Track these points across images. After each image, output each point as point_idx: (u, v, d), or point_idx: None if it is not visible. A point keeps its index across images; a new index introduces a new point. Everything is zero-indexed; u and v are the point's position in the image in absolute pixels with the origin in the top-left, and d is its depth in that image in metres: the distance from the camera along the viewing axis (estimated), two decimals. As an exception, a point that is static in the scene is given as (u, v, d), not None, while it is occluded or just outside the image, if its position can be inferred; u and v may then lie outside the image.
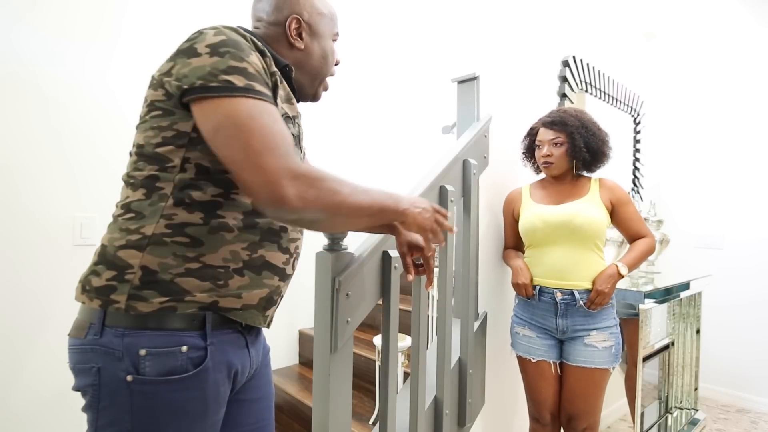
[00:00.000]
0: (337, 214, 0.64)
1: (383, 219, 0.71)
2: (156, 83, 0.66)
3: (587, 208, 1.41)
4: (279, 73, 0.74)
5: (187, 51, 0.63)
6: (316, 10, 0.83)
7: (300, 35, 0.81)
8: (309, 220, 0.64)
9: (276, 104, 0.69)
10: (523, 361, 1.50)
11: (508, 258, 1.60)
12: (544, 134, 1.47)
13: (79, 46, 1.53)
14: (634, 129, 2.79)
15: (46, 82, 1.46)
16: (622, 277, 1.38)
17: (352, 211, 0.65)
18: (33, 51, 1.44)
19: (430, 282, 0.90)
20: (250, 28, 0.82)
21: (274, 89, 0.70)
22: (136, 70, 1.67)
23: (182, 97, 0.63)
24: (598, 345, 1.38)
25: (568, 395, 1.43)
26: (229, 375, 0.70)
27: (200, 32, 0.65)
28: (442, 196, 1.27)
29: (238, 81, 0.61)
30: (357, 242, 1.05)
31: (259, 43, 0.69)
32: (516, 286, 1.48)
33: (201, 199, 0.66)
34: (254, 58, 0.65)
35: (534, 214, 1.46)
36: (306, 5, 0.81)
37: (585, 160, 1.44)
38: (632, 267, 1.40)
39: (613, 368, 1.40)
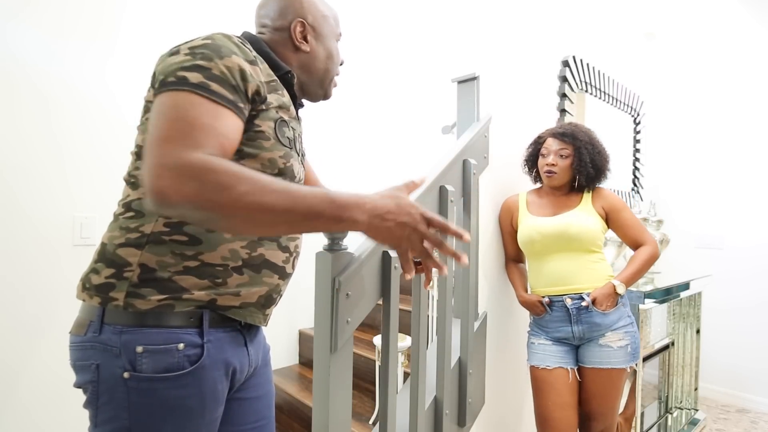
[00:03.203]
0: (232, 215, 0.52)
1: (324, 228, 0.58)
2: (150, 83, 0.66)
3: (580, 217, 1.43)
4: (278, 80, 0.74)
5: (172, 50, 0.64)
6: (320, 13, 0.83)
7: (305, 38, 0.81)
8: (199, 220, 0.54)
9: (240, 110, 0.63)
10: (537, 372, 1.45)
11: (510, 277, 1.62)
12: (552, 144, 1.48)
13: (78, 45, 1.53)
14: (634, 129, 2.79)
15: (43, 81, 1.46)
16: (620, 295, 1.39)
17: (254, 213, 0.52)
18: (29, 50, 1.43)
19: (428, 281, 0.90)
20: (254, 33, 0.83)
21: (264, 98, 0.68)
22: (136, 69, 1.67)
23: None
24: (613, 345, 1.37)
25: (585, 396, 1.42)
26: (227, 373, 0.70)
27: (195, 38, 0.65)
28: (442, 196, 1.27)
29: (194, 78, 0.59)
30: (357, 242, 1.05)
31: (252, 54, 0.68)
32: (531, 308, 1.50)
33: None
34: (230, 62, 0.62)
35: (530, 226, 1.48)
36: (309, 8, 0.82)
37: (589, 175, 1.46)
38: (631, 282, 1.41)
39: (630, 368, 1.40)
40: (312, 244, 1.85)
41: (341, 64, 0.89)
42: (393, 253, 1.02)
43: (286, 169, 0.72)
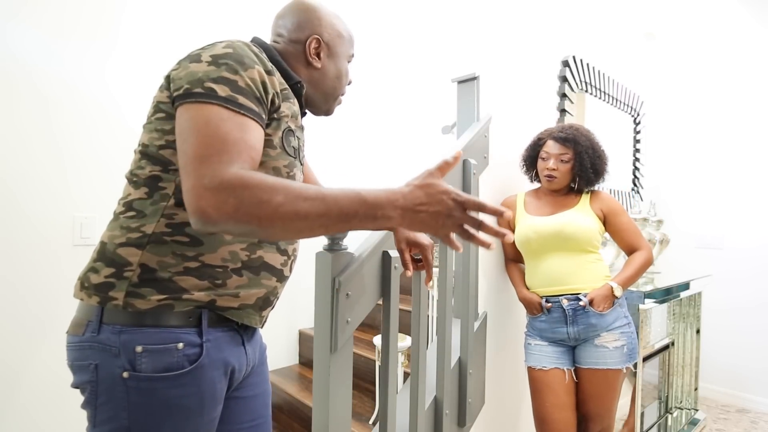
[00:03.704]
0: (270, 225, 0.55)
1: (360, 227, 0.59)
2: (163, 85, 0.67)
3: (577, 217, 1.43)
4: (289, 89, 0.75)
5: (192, 56, 0.64)
6: (336, 32, 0.84)
7: (318, 55, 0.82)
8: (240, 233, 0.56)
9: (263, 121, 0.66)
10: (534, 373, 1.45)
11: (510, 275, 1.62)
12: (553, 147, 1.47)
13: (77, 45, 1.53)
14: (634, 129, 2.79)
15: (43, 81, 1.46)
16: (617, 297, 1.39)
17: (291, 222, 0.55)
18: (29, 50, 1.43)
19: (429, 278, 0.92)
20: (267, 40, 0.84)
21: (278, 107, 0.70)
22: (135, 69, 1.67)
23: (174, 101, 0.63)
24: (609, 345, 1.37)
25: (582, 397, 1.42)
26: (226, 372, 0.70)
27: (214, 43, 0.66)
28: (442, 195, 1.27)
29: (221, 91, 0.60)
30: (357, 242, 1.05)
31: (269, 64, 0.69)
32: (528, 306, 1.49)
33: None
34: (253, 74, 0.64)
35: (527, 226, 1.48)
36: (327, 26, 0.83)
37: (589, 179, 1.47)
38: (627, 285, 1.41)
39: (626, 369, 1.40)
40: (312, 244, 1.85)
41: (349, 84, 0.90)
42: (393, 253, 1.02)
43: (289, 179, 0.72)
